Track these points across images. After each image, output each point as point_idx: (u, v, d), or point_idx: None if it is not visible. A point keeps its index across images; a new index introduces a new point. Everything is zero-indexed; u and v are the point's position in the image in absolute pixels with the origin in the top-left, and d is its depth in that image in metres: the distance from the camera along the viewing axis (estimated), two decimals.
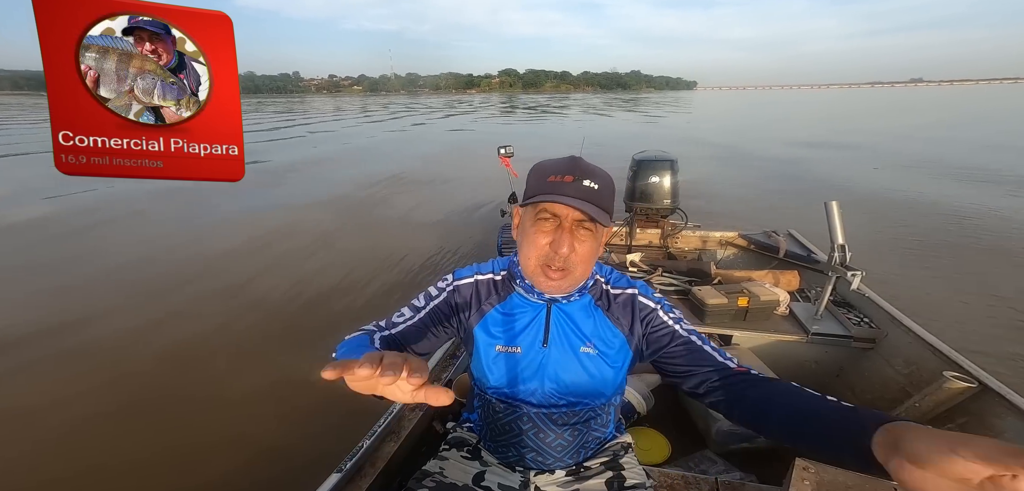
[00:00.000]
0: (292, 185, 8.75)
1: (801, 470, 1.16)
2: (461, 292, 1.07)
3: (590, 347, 1.01)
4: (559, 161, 0.94)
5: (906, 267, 4.69)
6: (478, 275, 1.08)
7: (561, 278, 0.94)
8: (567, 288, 0.97)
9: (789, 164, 10.85)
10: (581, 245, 0.92)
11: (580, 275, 0.96)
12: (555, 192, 0.88)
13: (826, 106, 42.35)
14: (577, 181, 0.89)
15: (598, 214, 0.88)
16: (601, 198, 0.90)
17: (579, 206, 0.87)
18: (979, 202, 7.02)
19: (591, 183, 0.89)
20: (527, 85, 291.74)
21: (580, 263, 0.93)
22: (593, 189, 0.89)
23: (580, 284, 1.00)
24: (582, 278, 0.98)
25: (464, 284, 1.07)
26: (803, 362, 2.27)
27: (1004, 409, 1.57)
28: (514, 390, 1.04)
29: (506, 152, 3.11)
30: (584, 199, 0.88)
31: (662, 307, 1.03)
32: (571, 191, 0.88)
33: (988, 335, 3.42)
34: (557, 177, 0.90)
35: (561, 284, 0.95)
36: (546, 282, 0.95)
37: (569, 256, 0.91)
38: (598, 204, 0.89)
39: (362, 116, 33.35)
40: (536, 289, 1.00)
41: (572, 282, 0.96)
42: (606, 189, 0.92)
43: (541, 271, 0.94)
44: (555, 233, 0.91)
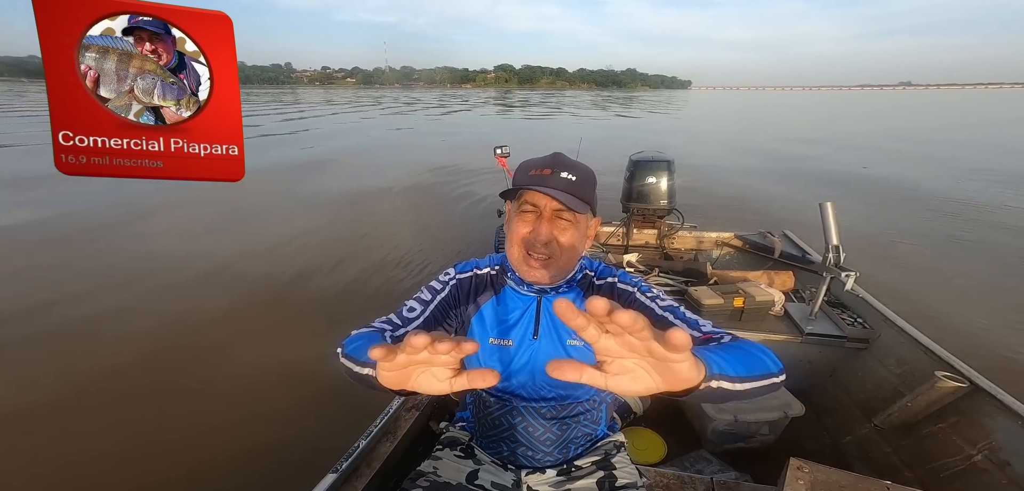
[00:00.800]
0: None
1: (795, 469, 1.17)
2: (462, 285, 1.10)
3: (578, 340, 1.02)
4: (542, 157, 1.01)
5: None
6: (476, 270, 1.12)
7: (542, 265, 0.99)
8: (551, 277, 1.01)
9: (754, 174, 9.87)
10: (561, 234, 0.97)
11: (564, 263, 1.00)
12: (535, 184, 0.95)
13: (814, 109, 41.96)
14: (555, 174, 0.96)
15: (575, 203, 0.94)
16: (578, 189, 0.96)
17: (556, 195, 0.93)
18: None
19: (569, 175, 0.96)
20: (523, 81, 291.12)
21: (562, 251, 0.98)
22: (570, 180, 0.95)
23: (567, 274, 1.04)
24: (566, 266, 1.02)
25: (464, 278, 1.11)
26: (797, 362, 2.29)
27: (994, 408, 1.59)
28: (506, 383, 1.07)
29: (502, 152, 3.12)
30: (562, 189, 0.94)
31: (639, 289, 1.05)
32: (550, 183, 0.95)
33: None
34: (537, 170, 0.97)
35: (544, 273, 0.99)
36: (529, 270, 1.00)
37: (549, 243, 0.97)
38: (575, 194, 0.95)
39: (322, 107, 32.53)
40: (525, 281, 1.04)
41: (556, 270, 1.00)
42: (584, 181, 0.98)
43: (524, 259, 1.00)
44: (536, 222, 0.97)
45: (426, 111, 31.36)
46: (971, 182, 8.69)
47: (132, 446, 2.35)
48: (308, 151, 11.91)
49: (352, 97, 58.57)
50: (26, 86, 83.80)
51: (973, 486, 1.56)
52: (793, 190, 8.17)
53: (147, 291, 3.91)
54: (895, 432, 1.87)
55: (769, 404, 1.90)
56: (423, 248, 5.03)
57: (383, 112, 29.23)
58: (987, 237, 5.64)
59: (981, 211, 6.75)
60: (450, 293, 1.08)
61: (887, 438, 1.89)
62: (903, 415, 1.82)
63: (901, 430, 1.86)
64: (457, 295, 1.08)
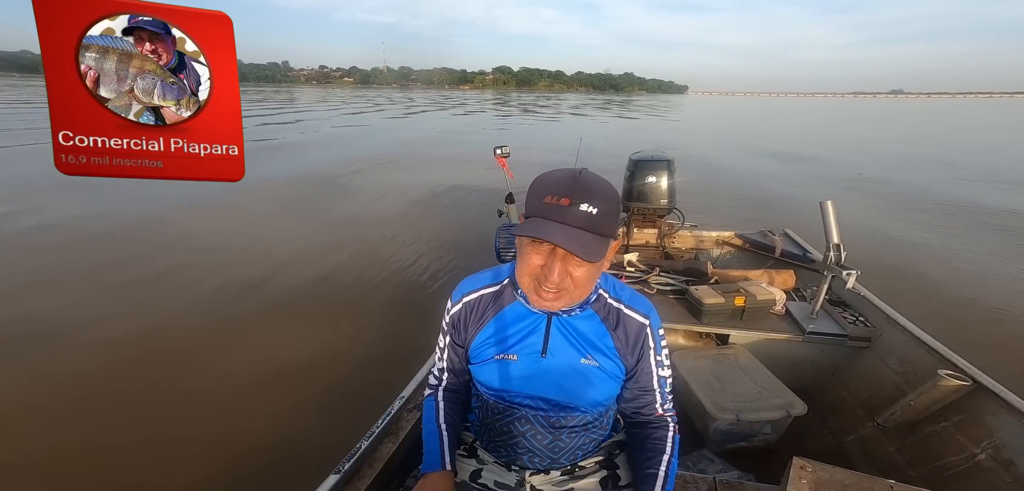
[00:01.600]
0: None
1: (798, 468, 1.16)
2: (461, 312, 1.09)
3: (591, 359, 1.00)
4: (559, 178, 0.86)
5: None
6: (471, 293, 1.09)
7: (554, 298, 0.91)
8: (562, 306, 0.96)
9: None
10: (575, 270, 0.88)
11: (577, 296, 0.94)
12: (550, 218, 0.83)
13: (806, 116, 41.46)
14: (574, 205, 0.82)
15: (591, 248, 0.83)
16: (599, 224, 0.84)
17: (570, 247, 0.82)
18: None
19: (589, 207, 0.82)
20: (520, 83, 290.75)
21: (575, 286, 0.90)
22: (590, 215, 0.82)
23: (580, 301, 0.99)
24: (580, 297, 0.96)
25: (462, 304, 1.09)
26: (799, 361, 2.28)
27: (998, 406, 1.59)
28: (511, 395, 1.05)
29: (502, 153, 3.12)
30: (579, 227, 0.82)
31: (656, 350, 1.04)
32: (567, 219, 0.82)
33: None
34: (554, 199, 0.83)
35: (555, 303, 0.93)
36: (539, 301, 0.93)
37: (562, 281, 0.88)
38: (595, 231, 0.84)
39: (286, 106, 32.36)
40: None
41: (568, 301, 0.94)
42: (606, 211, 0.85)
43: (535, 290, 0.92)
44: (548, 257, 0.88)
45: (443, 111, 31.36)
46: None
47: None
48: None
49: (349, 96, 58.38)
50: (16, 81, 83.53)
51: (977, 485, 1.56)
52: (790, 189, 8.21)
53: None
54: (898, 431, 1.87)
55: (772, 403, 1.90)
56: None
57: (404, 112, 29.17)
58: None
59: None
60: (452, 324, 1.10)
61: (890, 437, 1.88)
62: (906, 414, 1.82)
63: (904, 429, 1.85)
64: (456, 322, 1.09)
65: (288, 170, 9.13)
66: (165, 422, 2.52)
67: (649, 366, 1.04)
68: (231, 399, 2.70)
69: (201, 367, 2.99)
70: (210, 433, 2.46)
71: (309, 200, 7.05)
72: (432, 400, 1.14)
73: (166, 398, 2.72)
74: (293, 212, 6.36)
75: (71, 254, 4.72)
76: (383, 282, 4.31)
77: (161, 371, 2.93)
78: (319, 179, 8.47)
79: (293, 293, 3.99)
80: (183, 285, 4.06)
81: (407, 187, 7.88)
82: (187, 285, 4.06)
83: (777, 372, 2.06)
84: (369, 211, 6.57)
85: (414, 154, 11.99)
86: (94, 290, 3.98)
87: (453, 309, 1.10)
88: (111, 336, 3.23)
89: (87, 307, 3.66)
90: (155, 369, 2.94)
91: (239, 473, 2.21)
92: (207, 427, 2.49)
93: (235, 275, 4.25)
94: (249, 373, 2.90)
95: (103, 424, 2.49)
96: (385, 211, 6.56)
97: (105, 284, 4.05)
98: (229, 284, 4.08)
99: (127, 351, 3.08)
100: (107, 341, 3.17)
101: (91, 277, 4.19)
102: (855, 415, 2.06)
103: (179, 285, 4.06)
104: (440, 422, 1.09)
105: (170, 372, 2.93)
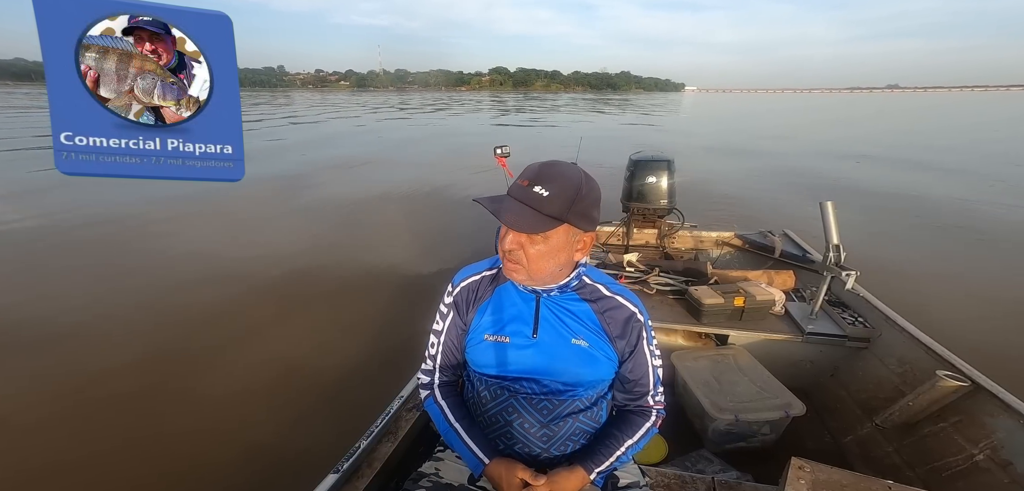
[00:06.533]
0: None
1: (796, 469, 1.17)
2: (462, 294, 1.14)
3: (581, 340, 1.06)
4: (533, 166, 0.99)
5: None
6: (473, 275, 1.15)
7: (513, 269, 1.01)
8: (524, 279, 1.03)
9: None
10: (530, 246, 0.97)
11: (536, 272, 1.00)
12: (512, 196, 0.97)
13: (801, 113, 41.06)
14: (530, 187, 0.94)
15: (527, 221, 0.94)
16: (544, 204, 0.93)
17: (504, 218, 0.95)
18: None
19: (541, 189, 0.93)
20: (517, 84, 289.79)
21: (530, 262, 0.98)
22: (540, 196, 0.93)
23: (554, 281, 1.04)
24: (543, 273, 1.01)
25: (463, 287, 1.14)
26: (798, 361, 2.29)
27: (996, 407, 1.59)
28: (504, 379, 1.08)
29: (502, 152, 3.11)
30: (525, 204, 0.94)
31: (648, 340, 1.11)
32: (521, 197, 0.95)
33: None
34: (523, 181, 0.97)
35: (515, 274, 1.02)
36: (508, 271, 1.03)
37: (515, 251, 0.98)
38: (538, 209, 0.93)
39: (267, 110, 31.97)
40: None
41: (525, 275, 1.01)
42: (558, 196, 0.94)
43: (504, 260, 1.02)
44: (506, 232, 0.99)
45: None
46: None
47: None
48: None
49: (345, 99, 58.24)
50: (11, 88, 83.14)
51: (975, 485, 1.56)
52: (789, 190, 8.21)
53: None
54: (897, 431, 1.87)
55: (770, 404, 1.90)
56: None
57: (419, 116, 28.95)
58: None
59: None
60: (454, 308, 1.14)
61: (889, 437, 1.89)
62: (904, 414, 1.82)
63: (903, 429, 1.85)
64: (459, 305, 1.13)
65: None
66: (165, 422, 2.52)
67: (644, 356, 1.10)
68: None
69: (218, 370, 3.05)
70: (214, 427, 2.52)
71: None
72: (433, 403, 1.16)
73: (166, 398, 2.72)
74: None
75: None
76: (386, 275, 4.48)
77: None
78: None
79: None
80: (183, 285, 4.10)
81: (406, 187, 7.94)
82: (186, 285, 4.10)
83: (776, 372, 2.07)
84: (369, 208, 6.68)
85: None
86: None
87: (454, 291, 1.15)
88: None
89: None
90: (159, 371, 2.95)
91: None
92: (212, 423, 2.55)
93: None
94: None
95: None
96: (384, 209, 6.69)
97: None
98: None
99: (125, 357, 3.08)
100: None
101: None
102: (854, 416, 2.07)
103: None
104: (454, 424, 1.11)
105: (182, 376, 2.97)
